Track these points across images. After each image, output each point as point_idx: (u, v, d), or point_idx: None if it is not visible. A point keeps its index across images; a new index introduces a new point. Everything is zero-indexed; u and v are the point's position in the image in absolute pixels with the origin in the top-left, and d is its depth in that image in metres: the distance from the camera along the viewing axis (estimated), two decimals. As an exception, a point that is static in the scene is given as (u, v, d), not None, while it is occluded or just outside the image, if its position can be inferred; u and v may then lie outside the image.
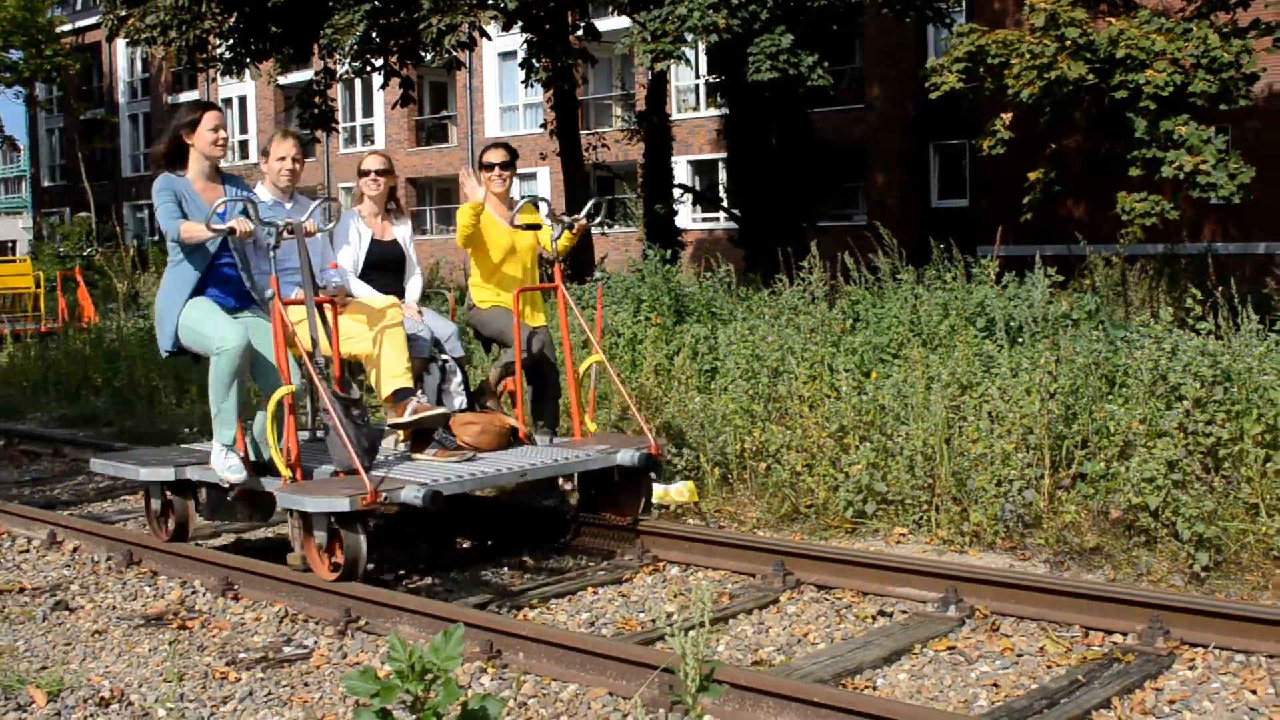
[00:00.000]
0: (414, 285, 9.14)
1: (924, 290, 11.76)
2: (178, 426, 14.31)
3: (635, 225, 15.38)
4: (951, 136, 35.14)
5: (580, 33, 27.73)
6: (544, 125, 30.82)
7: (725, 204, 32.47)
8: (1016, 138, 20.46)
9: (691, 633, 3.90)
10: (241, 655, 6.77)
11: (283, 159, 8.47)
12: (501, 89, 46.28)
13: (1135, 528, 7.89)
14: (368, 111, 50.93)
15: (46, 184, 67.49)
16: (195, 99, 8.91)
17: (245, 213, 7.68)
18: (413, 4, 23.98)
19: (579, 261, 26.91)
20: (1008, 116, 20.50)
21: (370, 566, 7.53)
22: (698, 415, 10.41)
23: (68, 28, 59.30)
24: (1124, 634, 6.53)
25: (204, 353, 7.82)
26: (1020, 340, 10.57)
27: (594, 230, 30.14)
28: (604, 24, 30.55)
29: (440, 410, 8.25)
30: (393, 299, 8.44)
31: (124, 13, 27.58)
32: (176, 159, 7.95)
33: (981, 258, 11.98)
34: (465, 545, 9.26)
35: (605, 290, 14.31)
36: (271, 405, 7.54)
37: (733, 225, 31.97)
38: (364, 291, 8.62)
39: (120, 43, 49.54)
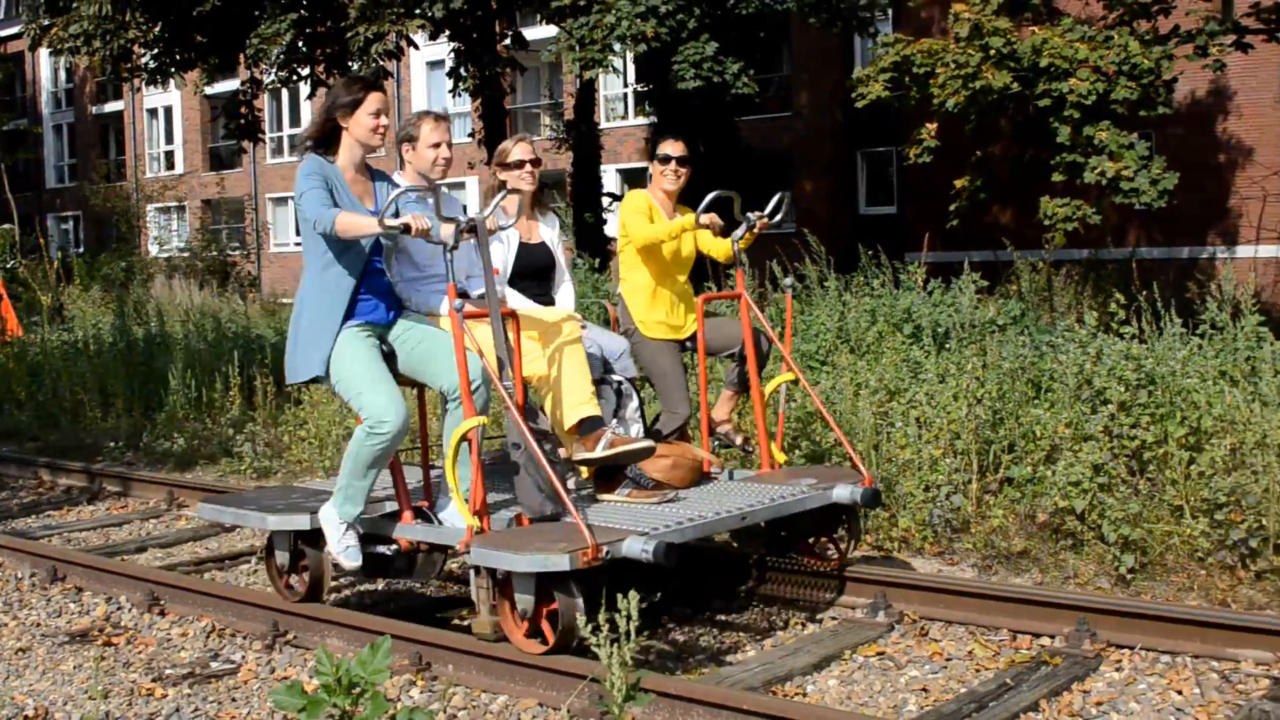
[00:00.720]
0: (566, 294, 7.88)
1: (852, 297, 11.82)
2: (103, 440, 14.16)
3: (565, 234, 15.53)
4: (879, 144, 35.35)
5: (508, 41, 27.71)
6: (472, 134, 30.76)
7: (654, 212, 32.51)
8: (942, 146, 20.62)
9: (619, 643, 3.89)
10: (168, 671, 6.70)
11: (437, 145, 7.05)
12: (430, 98, 46.14)
13: (1062, 531, 7.96)
14: (295, 121, 50.59)
15: (-32, 196, 66.66)
16: (356, 73, 7.37)
17: (394, 210, 6.51)
18: (339, 13, 23.89)
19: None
20: (933, 125, 20.65)
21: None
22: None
23: (-11, 38, 58.68)
24: (1051, 636, 6.57)
25: (351, 405, 6.65)
26: (947, 346, 10.64)
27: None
28: (532, 33, 30.56)
29: (645, 443, 7.01)
30: (568, 311, 7.34)
31: (47, 22, 27.29)
32: (327, 143, 6.74)
33: (910, 264, 12.06)
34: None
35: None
36: (454, 441, 6.32)
37: (662, 233, 32.02)
38: (523, 303, 7.40)
39: (44, 52, 49.05)
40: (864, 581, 7.32)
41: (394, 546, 6.94)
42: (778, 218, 7.92)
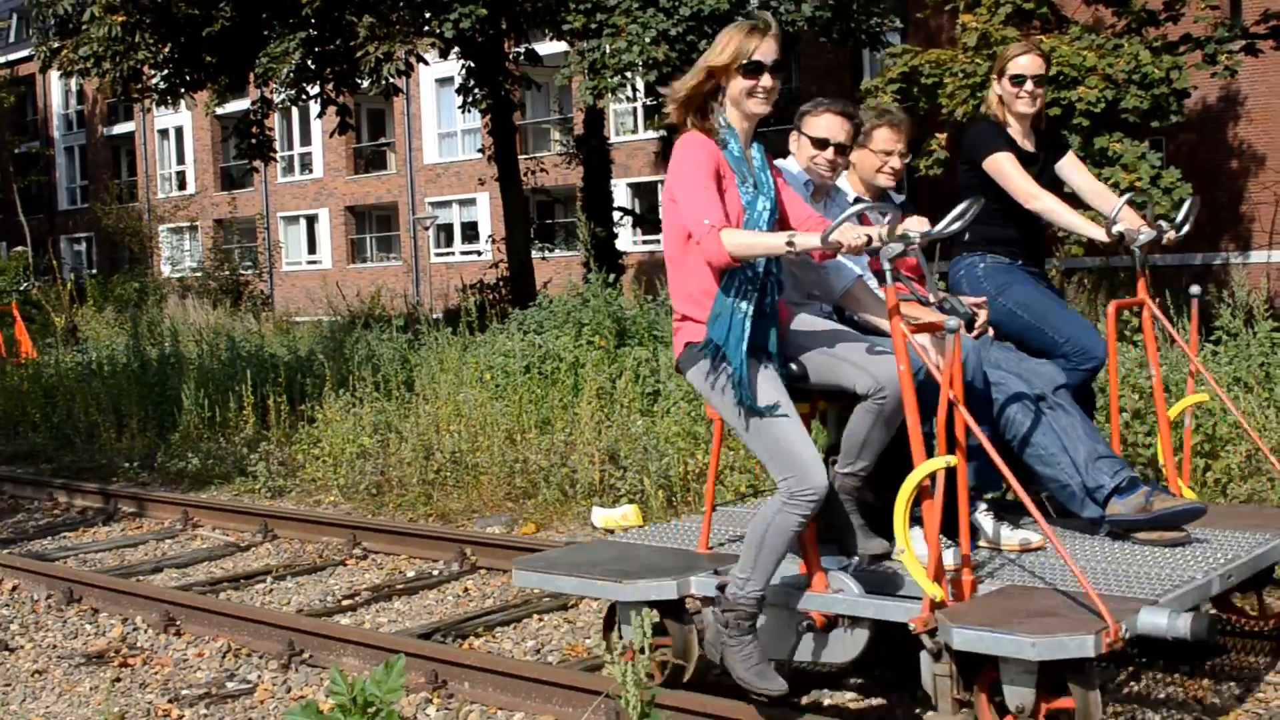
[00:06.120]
0: None
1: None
2: (118, 461, 14.18)
3: (577, 249, 15.60)
4: (889, 155, 35.30)
5: (520, 55, 27.80)
6: (482, 151, 30.85)
7: (666, 226, 32.53)
8: (953, 158, 20.60)
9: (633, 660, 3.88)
10: (184, 692, 6.70)
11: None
12: (439, 115, 46.26)
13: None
14: (305, 140, 50.75)
15: (-19, 219, 66.88)
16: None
17: None
18: (349, 32, 23.97)
19: (521, 285, 26.95)
20: (943, 136, 20.64)
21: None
22: (641, 438, 10.40)
23: (0, 61, 58.87)
24: None
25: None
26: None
27: (534, 254, 30.08)
28: (544, 48, 30.60)
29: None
30: None
31: (57, 44, 27.43)
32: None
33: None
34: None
35: (548, 315, 14.21)
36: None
37: (674, 247, 32.04)
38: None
39: (54, 75, 49.24)
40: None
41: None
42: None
